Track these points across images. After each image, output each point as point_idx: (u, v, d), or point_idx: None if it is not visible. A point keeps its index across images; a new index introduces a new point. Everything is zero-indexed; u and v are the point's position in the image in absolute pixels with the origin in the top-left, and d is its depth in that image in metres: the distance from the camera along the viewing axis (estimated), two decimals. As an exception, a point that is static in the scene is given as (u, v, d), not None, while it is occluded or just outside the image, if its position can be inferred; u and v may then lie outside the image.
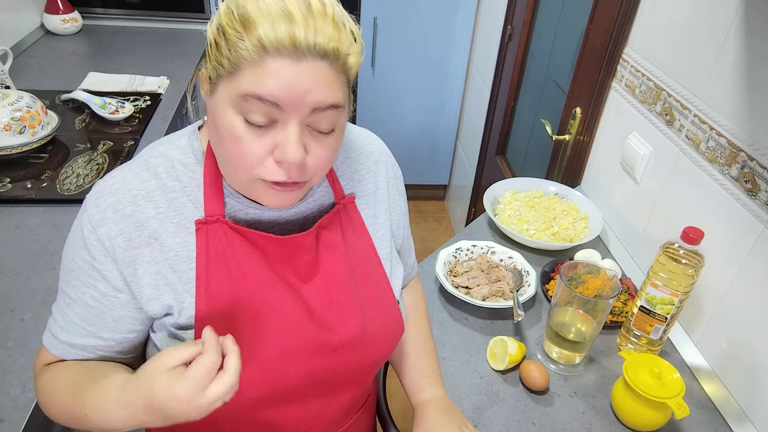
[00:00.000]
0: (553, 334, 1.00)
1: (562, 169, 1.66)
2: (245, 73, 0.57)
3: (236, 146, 0.60)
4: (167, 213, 0.67)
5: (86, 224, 0.66)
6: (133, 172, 0.68)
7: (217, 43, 0.59)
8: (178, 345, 0.59)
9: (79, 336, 0.70)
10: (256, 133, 0.60)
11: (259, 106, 0.58)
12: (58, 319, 0.71)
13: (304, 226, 0.76)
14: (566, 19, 1.76)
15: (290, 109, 0.58)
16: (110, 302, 0.68)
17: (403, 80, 2.78)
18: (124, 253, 0.66)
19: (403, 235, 0.89)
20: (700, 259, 0.93)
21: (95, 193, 0.67)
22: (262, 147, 0.60)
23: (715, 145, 1.01)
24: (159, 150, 0.70)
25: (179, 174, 0.69)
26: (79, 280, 0.68)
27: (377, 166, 0.83)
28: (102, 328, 0.70)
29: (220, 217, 0.68)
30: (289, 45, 0.56)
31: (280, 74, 0.57)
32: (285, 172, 0.62)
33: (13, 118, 1.38)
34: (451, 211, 3.16)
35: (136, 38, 2.28)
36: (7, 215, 1.22)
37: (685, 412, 0.85)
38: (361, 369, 0.78)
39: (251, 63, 0.57)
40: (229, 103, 0.59)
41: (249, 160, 0.61)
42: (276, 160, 0.61)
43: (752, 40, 0.93)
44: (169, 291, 0.68)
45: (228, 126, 0.60)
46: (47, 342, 0.72)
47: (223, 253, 0.68)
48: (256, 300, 0.69)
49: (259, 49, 0.56)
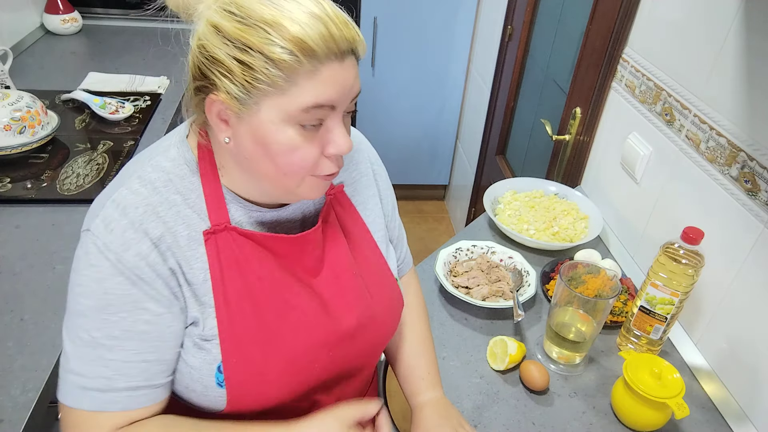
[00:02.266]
0: (553, 334, 1.00)
1: (562, 169, 1.66)
2: (301, 86, 0.58)
3: (294, 156, 0.62)
4: (176, 227, 0.66)
5: (108, 253, 0.62)
6: (132, 189, 0.65)
7: (243, 62, 0.57)
8: (355, 405, 0.68)
9: (139, 372, 0.64)
10: (309, 138, 0.62)
11: (321, 112, 0.61)
12: (98, 372, 0.63)
13: (303, 221, 0.77)
14: (566, 19, 1.76)
15: (340, 108, 0.62)
16: (167, 319, 0.65)
17: (403, 80, 2.78)
18: (161, 267, 0.64)
19: (391, 222, 0.91)
20: (700, 259, 0.93)
21: (104, 220, 0.64)
22: (315, 149, 0.63)
23: (715, 145, 1.01)
24: (151, 163, 0.68)
25: (178, 187, 0.68)
26: (123, 310, 0.63)
27: (359, 155, 0.85)
28: (165, 350, 0.66)
29: (227, 224, 0.68)
30: (334, 46, 0.58)
31: (335, 79, 0.60)
32: (335, 163, 0.66)
33: (13, 118, 1.37)
34: (451, 211, 3.16)
35: (136, 38, 2.28)
36: (7, 215, 1.22)
37: (685, 412, 0.85)
38: (372, 349, 0.81)
39: (305, 75, 0.58)
40: (282, 119, 0.60)
41: (308, 165, 0.63)
42: (328, 155, 0.64)
43: (752, 39, 0.93)
44: (193, 302, 0.67)
45: (285, 141, 0.61)
46: (95, 404, 0.63)
47: (236, 259, 0.68)
48: (275, 301, 0.70)
49: (310, 58, 0.57)
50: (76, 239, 0.67)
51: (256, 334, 0.68)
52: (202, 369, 0.67)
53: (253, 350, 0.68)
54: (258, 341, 0.69)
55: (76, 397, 0.63)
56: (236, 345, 0.67)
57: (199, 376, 0.67)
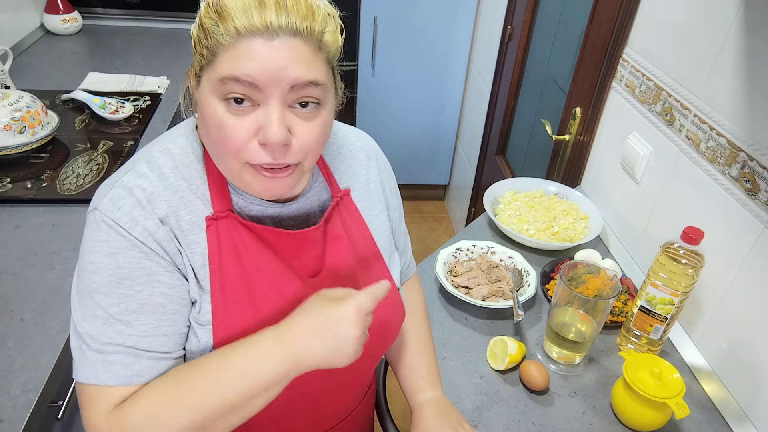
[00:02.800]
0: (553, 334, 1.00)
1: (562, 169, 1.66)
2: (222, 58, 0.60)
3: (221, 132, 0.62)
4: (179, 211, 0.67)
5: (117, 227, 0.63)
6: (140, 173, 0.67)
7: (198, 38, 0.62)
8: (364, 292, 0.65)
9: (159, 345, 0.64)
10: (238, 116, 0.61)
11: (238, 87, 0.60)
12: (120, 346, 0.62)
13: (306, 221, 0.77)
14: (566, 19, 1.76)
15: (268, 89, 0.60)
16: (181, 291, 0.66)
17: (403, 80, 2.78)
18: (168, 244, 0.65)
19: (397, 230, 0.90)
20: (700, 259, 0.93)
21: (112, 199, 0.65)
22: (245, 130, 0.61)
23: (715, 145, 1.01)
24: (160, 149, 0.70)
25: (183, 173, 0.69)
26: (138, 283, 0.63)
27: (368, 161, 0.84)
28: (181, 323, 0.66)
29: (230, 212, 0.69)
30: (262, 26, 0.58)
31: (255, 54, 0.58)
32: (269, 154, 0.62)
33: (13, 118, 1.38)
34: (451, 211, 3.16)
35: (136, 38, 2.27)
36: (7, 215, 1.22)
37: (685, 412, 0.85)
38: (368, 356, 0.80)
39: (226, 47, 0.59)
40: (211, 91, 0.61)
41: (234, 144, 0.62)
42: (260, 143, 0.62)
43: (752, 39, 0.93)
44: (194, 284, 0.68)
45: (212, 114, 0.62)
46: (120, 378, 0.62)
47: (235, 247, 0.69)
48: (271, 293, 0.70)
49: (233, 34, 0.58)
50: (77, 239, 0.67)
51: (250, 325, 0.68)
52: (195, 353, 0.68)
53: None
54: (251, 332, 0.68)
55: (100, 373, 0.63)
56: (229, 333, 0.68)
57: (192, 358, 0.68)
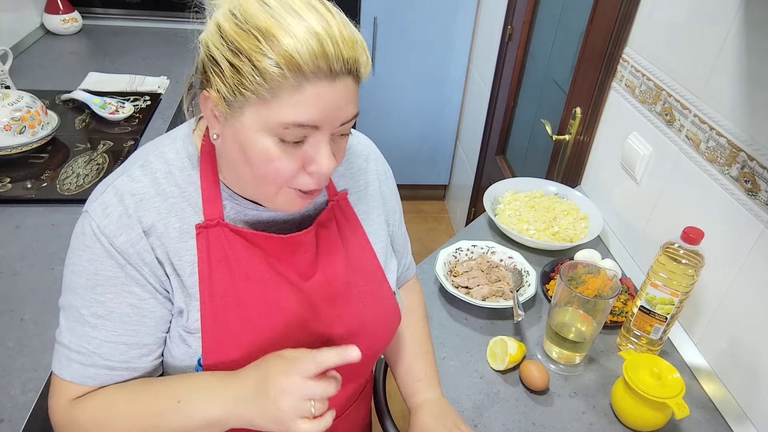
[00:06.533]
0: (553, 334, 1.00)
1: (562, 169, 1.66)
2: (283, 101, 0.57)
3: (269, 166, 0.61)
4: (169, 218, 0.67)
5: (101, 236, 0.65)
6: (132, 177, 0.68)
7: (233, 65, 0.58)
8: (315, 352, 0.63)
9: (119, 353, 0.67)
10: (289, 151, 0.61)
11: (300, 131, 0.60)
12: (82, 347, 0.67)
13: (302, 224, 0.77)
14: (566, 19, 1.76)
15: (325, 128, 0.60)
16: (151, 304, 0.68)
17: (403, 80, 2.78)
18: (148, 255, 0.66)
19: (397, 232, 0.90)
20: (700, 259, 0.93)
21: (102, 204, 0.66)
22: (295, 164, 0.62)
23: (715, 145, 1.01)
24: (156, 152, 0.70)
25: (177, 179, 0.69)
26: (110, 291, 0.66)
27: (367, 164, 0.84)
28: (144, 334, 0.68)
29: (220, 220, 0.69)
30: (325, 66, 0.56)
31: (320, 99, 0.58)
32: (316, 181, 0.64)
33: (13, 118, 1.37)
34: (451, 211, 3.16)
35: (136, 38, 2.27)
36: (7, 215, 1.22)
37: (685, 412, 0.85)
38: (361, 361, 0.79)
39: (288, 90, 0.57)
40: (262, 128, 0.60)
41: (283, 177, 0.63)
42: (309, 172, 0.63)
43: (752, 39, 0.93)
44: (180, 293, 0.68)
45: (261, 150, 0.60)
46: (75, 376, 0.67)
47: (225, 255, 0.69)
48: (260, 301, 0.70)
49: (296, 74, 0.56)
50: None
51: (239, 333, 0.68)
52: (183, 360, 0.69)
53: (234, 349, 0.68)
54: (240, 340, 0.69)
55: (62, 366, 0.68)
56: (217, 342, 0.68)
57: (180, 366, 0.69)
